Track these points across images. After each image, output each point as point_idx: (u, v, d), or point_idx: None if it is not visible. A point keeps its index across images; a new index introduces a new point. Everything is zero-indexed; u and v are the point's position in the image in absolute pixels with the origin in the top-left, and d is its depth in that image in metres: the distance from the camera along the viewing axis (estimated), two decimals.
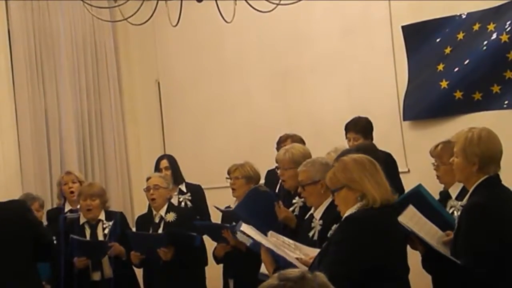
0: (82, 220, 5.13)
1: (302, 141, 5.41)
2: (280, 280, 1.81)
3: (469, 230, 3.06)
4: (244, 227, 3.44)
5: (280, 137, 5.67)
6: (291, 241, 3.62)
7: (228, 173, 4.93)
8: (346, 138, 5.31)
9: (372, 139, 5.26)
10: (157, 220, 5.10)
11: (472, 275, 2.99)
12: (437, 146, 3.84)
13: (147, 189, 5.15)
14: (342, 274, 2.02)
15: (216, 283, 5.24)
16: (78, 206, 5.28)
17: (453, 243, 3.21)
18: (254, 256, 3.48)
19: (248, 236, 3.36)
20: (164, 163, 5.87)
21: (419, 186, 3.63)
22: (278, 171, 4.67)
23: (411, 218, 3.25)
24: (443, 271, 3.15)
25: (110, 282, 5.00)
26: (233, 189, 4.90)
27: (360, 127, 5.27)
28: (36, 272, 4.10)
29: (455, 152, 3.25)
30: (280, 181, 5.20)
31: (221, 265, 5.04)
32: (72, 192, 5.51)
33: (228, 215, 4.82)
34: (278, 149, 5.60)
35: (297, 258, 3.33)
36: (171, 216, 5.07)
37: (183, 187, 5.87)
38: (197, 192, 5.88)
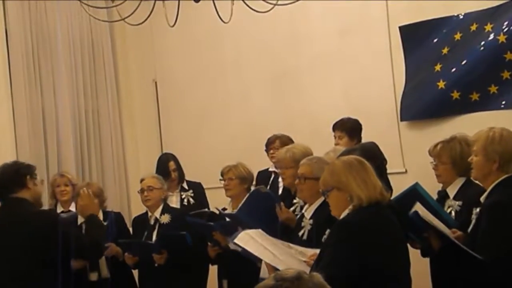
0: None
1: (290, 141, 5.45)
2: (277, 280, 1.82)
3: (490, 229, 3.12)
4: (240, 238, 3.39)
5: (269, 139, 5.69)
6: (285, 243, 3.62)
7: (222, 174, 4.93)
8: (334, 137, 5.38)
9: (359, 140, 5.29)
10: (152, 222, 5.08)
11: (490, 273, 3.05)
12: (436, 145, 3.85)
13: (141, 191, 5.13)
14: (335, 277, 2.05)
15: (212, 283, 5.26)
16: (72, 208, 5.29)
17: (469, 241, 3.25)
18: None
19: (242, 248, 3.35)
20: (172, 165, 5.86)
21: (416, 184, 3.64)
22: (279, 170, 4.69)
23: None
24: (459, 268, 3.22)
25: (107, 282, 5.00)
26: (227, 189, 4.90)
27: (346, 127, 5.38)
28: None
29: (475, 151, 3.32)
30: (271, 181, 5.25)
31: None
32: (63, 195, 5.48)
33: (228, 218, 4.82)
34: (267, 150, 5.64)
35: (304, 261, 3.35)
36: (166, 218, 5.05)
37: (184, 184, 5.89)
38: (198, 190, 5.91)
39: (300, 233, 3.83)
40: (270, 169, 5.57)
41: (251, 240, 3.41)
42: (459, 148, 3.70)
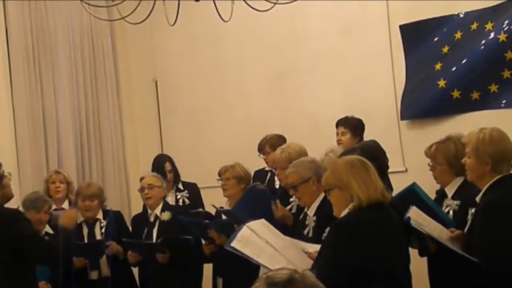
0: (80, 219, 5.13)
1: (280, 140, 5.45)
2: (268, 285, 1.79)
3: (485, 229, 3.13)
4: (239, 236, 3.38)
5: (259, 144, 5.64)
6: (287, 238, 3.61)
7: (219, 174, 4.95)
8: (337, 133, 5.41)
9: (361, 139, 5.30)
10: (152, 219, 5.11)
11: (487, 274, 3.05)
12: (431, 146, 3.86)
13: (142, 189, 5.16)
14: (330, 278, 2.06)
15: (206, 281, 5.26)
16: (65, 206, 5.29)
17: (466, 240, 3.27)
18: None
19: (239, 252, 3.34)
20: (168, 166, 5.88)
21: (413, 184, 3.64)
22: (276, 171, 4.71)
23: (416, 219, 3.30)
24: (456, 268, 3.24)
25: (108, 281, 5.01)
26: (224, 189, 4.92)
27: (350, 123, 5.40)
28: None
29: (467, 153, 3.32)
30: (267, 180, 5.27)
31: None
32: (57, 192, 5.47)
33: (224, 214, 4.83)
34: (262, 154, 5.61)
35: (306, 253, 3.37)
36: (166, 215, 5.08)
37: (179, 185, 5.91)
38: (193, 190, 5.93)
39: (305, 231, 3.84)
40: (266, 168, 5.58)
41: (251, 237, 3.40)
42: (453, 148, 3.70)
